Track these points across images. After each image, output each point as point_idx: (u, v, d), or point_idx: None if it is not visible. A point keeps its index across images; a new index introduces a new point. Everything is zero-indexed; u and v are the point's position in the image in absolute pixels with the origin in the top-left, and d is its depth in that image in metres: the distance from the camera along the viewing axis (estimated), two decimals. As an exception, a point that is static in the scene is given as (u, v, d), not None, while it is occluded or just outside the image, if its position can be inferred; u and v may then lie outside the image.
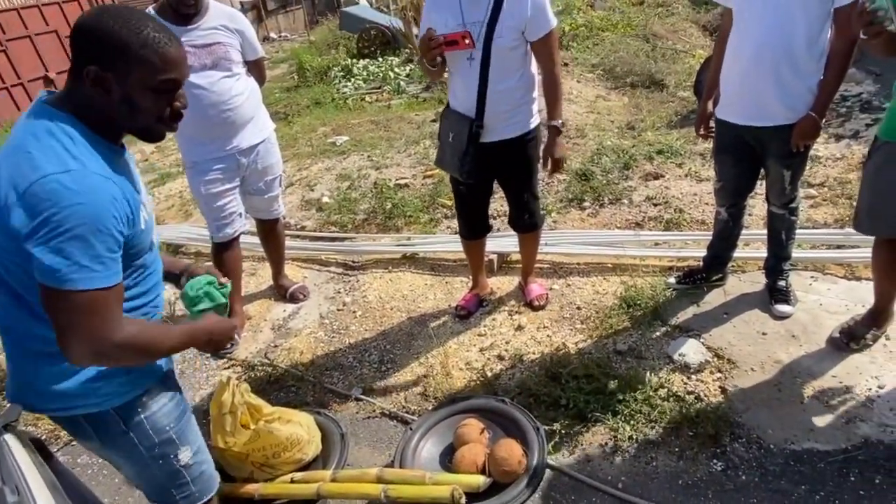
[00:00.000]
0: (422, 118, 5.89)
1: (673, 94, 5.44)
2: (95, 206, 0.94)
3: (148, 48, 0.99)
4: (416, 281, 3.05)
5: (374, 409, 2.22)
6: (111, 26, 0.98)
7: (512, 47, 2.02)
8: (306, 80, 8.52)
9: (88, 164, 0.97)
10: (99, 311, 0.95)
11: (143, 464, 1.20)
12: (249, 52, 2.45)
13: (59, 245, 0.91)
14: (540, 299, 2.63)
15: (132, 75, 1.00)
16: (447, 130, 2.21)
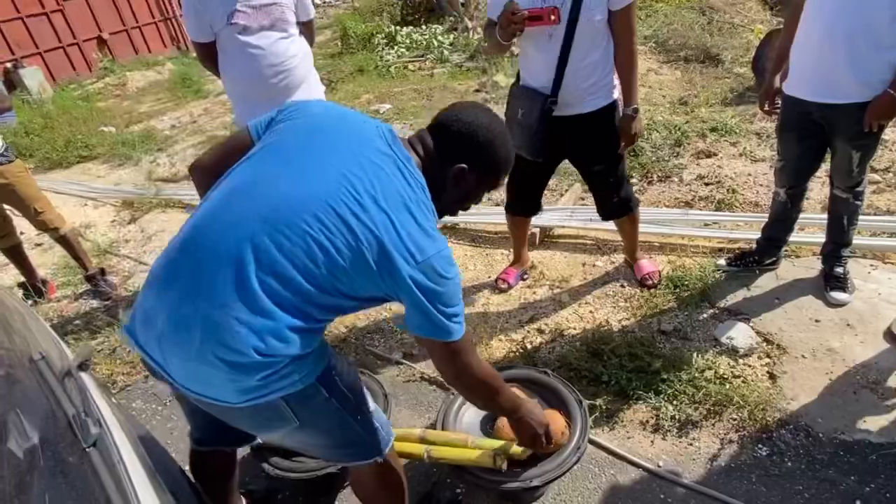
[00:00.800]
0: (464, 88, 5.81)
1: (729, 70, 5.20)
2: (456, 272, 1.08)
3: None
4: (456, 251, 3.05)
5: (414, 373, 2.26)
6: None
7: (599, 20, 1.94)
8: (350, 46, 8.47)
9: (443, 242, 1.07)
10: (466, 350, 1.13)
11: (347, 425, 1.16)
12: (302, 13, 2.43)
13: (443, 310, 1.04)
14: (653, 276, 2.51)
15: (484, 179, 1.21)
16: (516, 108, 2.12)
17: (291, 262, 0.96)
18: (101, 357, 2.55)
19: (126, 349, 2.56)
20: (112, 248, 3.59)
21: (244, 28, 2.22)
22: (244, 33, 2.23)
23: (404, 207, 1.00)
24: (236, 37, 2.23)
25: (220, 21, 2.21)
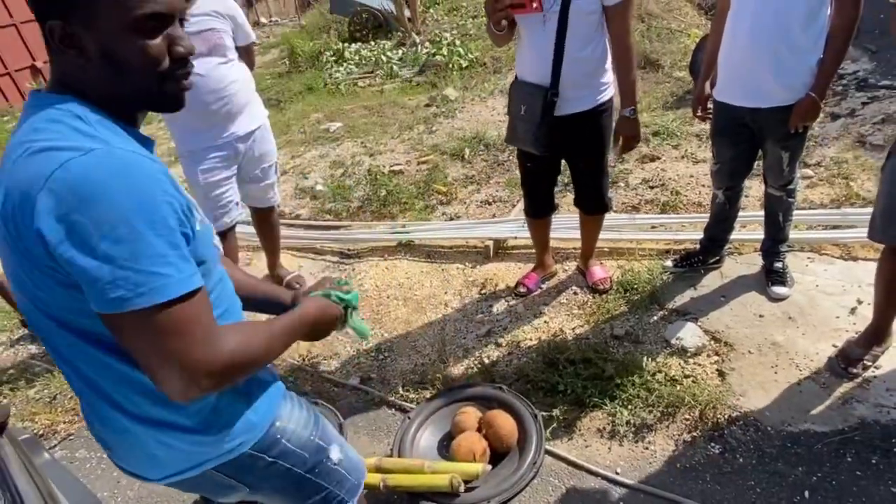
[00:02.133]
0: (415, 103, 5.83)
1: (668, 75, 5.38)
2: (138, 189, 0.68)
3: None
4: (412, 268, 3.03)
5: (372, 397, 2.21)
6: None
7: (590, 11, 1.93)
8: (298, 65, 8.40)
9: (114, 142, 0.72)
10: (187, 327, 0.71)
11: (301, 483, 1.03)
12: (241, 38, 2.41)
13: (106, 252, 0.67)
14: (604, 283, 2.56)
15: (98, 18, 0.71)
16: (518, 104, 2.11)
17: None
18: (41, 406, 2.41)
19: (68, 395, 2.43)
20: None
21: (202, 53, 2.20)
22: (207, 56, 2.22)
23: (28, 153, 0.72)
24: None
25: None
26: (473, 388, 1.84)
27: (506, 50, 6.95)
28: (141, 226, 0.67)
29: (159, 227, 0.68)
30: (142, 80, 0.76)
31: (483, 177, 3.88)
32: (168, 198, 0.71)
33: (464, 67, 6.69)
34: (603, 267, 2.67)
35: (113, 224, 0.65)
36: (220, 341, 0.75)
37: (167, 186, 0.72)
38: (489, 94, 5.33)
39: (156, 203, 0.69)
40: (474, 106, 5.15)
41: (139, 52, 0.74)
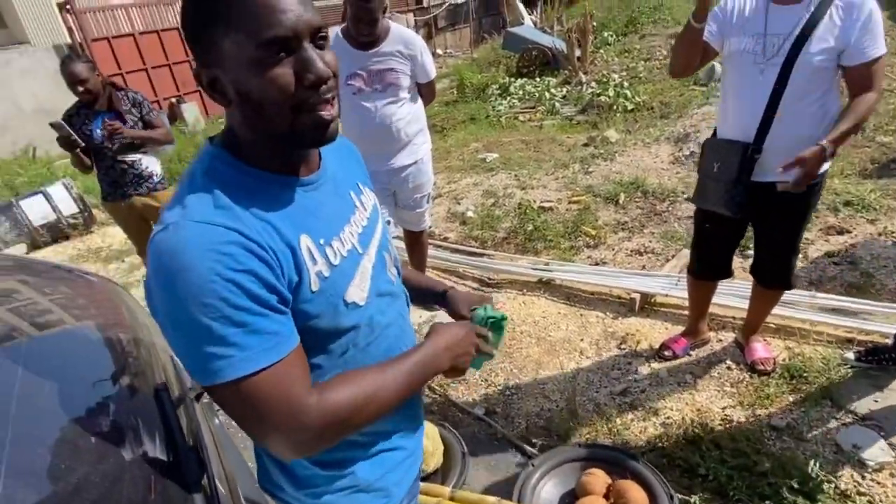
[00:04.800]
0: (573, 141, 5.81)
1: (870, 139, 4.72)
2: (191, 271, 0.64)
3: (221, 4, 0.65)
4: (549, 308, 3.00)
5: (494, 431, 2.22)
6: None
7: (822, 67, 1.70)
8: (465, 95, 8.85)
9: (194, 209, 0.68)
10: (261, 402, 0.68)
11: None
12: (422, 76, 2.52)
13: (173, 334, 0.68)
14: (766, 363, 2.28)
15: (225, 57, 0.67)
16: (711, 161, 1.95)
17: None
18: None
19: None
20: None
21: (358, 90, 2.39)
22: (358, 94, 2.40)
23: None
24: (351, 95, 2.40)
25: (341, 81, 2.42)
26: (605, 450, 1.75)
27: (678, 95, 6.65)
28: (193, 309, 0.64)
29: (213, 309, 0.64)
30: (275, 116, 0.69)
31: (636, 225, 3.72)
32: (229, 273, 0.64)
33: (629, 110, 6.53)
34: (766, 345, 2.39)
35: (172, 309, 0.65)
36: (308, 408, 0.70)
37: (233, 262, 0.65)
38: (654, 140, 5.12)
39: (209, 284, 0.64)
40: (636, 150, 4.98)
41: (266, 84, 0.66)
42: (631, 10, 11.71)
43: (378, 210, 0.95)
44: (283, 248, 0.71)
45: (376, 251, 0.88)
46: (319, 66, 0.68)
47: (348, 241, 0.81)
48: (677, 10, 11.42)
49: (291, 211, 0.75)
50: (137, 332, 1.18)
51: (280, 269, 0.70)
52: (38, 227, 4.82)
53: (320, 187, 0.81)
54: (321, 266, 0.75)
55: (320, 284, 0.75)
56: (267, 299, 0.68)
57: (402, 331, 0.94)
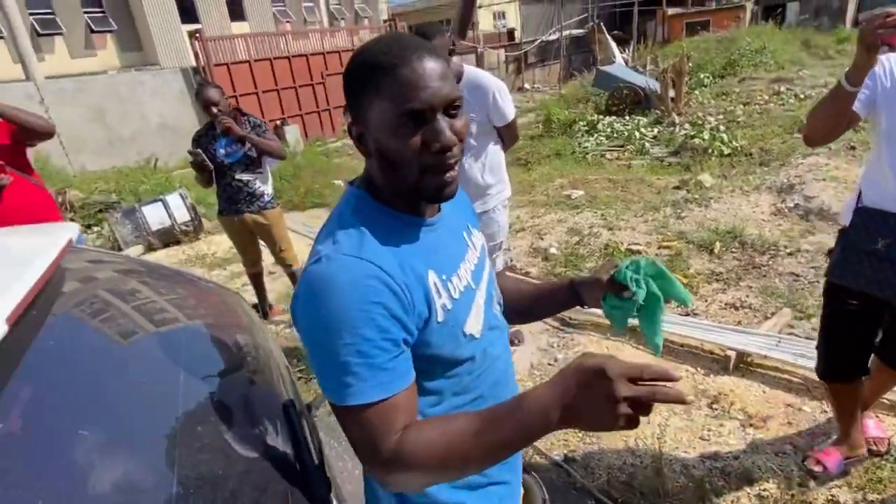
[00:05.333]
0: (663, 183, 5.66)
1: None
2: (327, 306, 0.72)
3: (371, 74, 0.76)
4: (634, 355, 2.91)
5: (573, 480, 2.16)
6: (353, 58, 0.80)
7: None
8: (551, 130, 8.89)
9: (344, 244, 0.77)
10: (363, 432, 0.74)
11: None
12: (498, 119, 2.44)
13: (311, 352, 0.77)
14: (880, 443, 2.06)
15: (370, 120, 0.78)
16: (874, 235, 1.65)
17: None
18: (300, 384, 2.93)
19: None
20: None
21: None
22: None
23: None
24: None
25: None
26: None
27: (780, 142, 6.33)
28: (330, 334, 0.72)
29: (346, 336, 0.71)
30: (405, 173, 0.79)
31: (733, 277, 3.55)
32: (368, 306, 0.72)
33: (724, 155, 6.28)
34: (879, 423, 2.19)
35: (314, 331, 0.74)
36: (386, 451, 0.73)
37: (372, 294, 0.72)
38: (753, 189, 4.88)
39: (347, 313, 0.71)
40: (733, 198, 4.77)
41: (400, 147, 0.76)
42: (730, 52, 11.36)
43: (485, 250, 1.03)
44: (415, 283, 0.78)
45: (486, 287, 0.96)
46: (446, 136, 0.77)
47: (464, 277, 0.89)
48: (780, 54, 10.94)
49: (419, 248, 0.84)
50: (261, 342, 1.28)
51: (411, 304, 0.77)
52: (154, 231, 5.33)
53: (440, 228, 0.89)
54: (445, 299, 0.83)
55: (445, 316, 0.82)
56: (393, 334, 0.74)
57: (508, 364, 1.01)
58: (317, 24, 21.19)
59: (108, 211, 5.62)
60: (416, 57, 0.74)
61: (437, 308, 0.81)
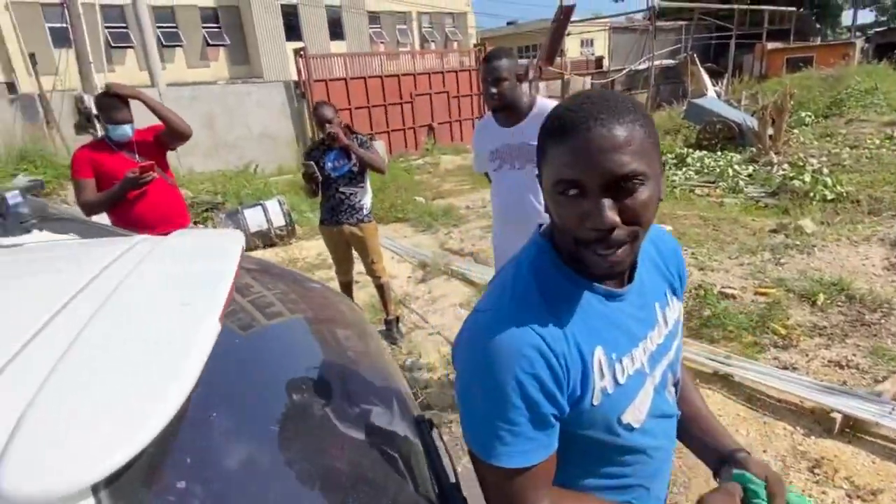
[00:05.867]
0: (759, 225, 5.39)
1: None
2: (484, 364, 0.73)
3: (547, 133, 0.74)
4: (727, 407, 2.78)
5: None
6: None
7: None
8: (636, 161, 8.71)
9: (514, 303, 0.76)
10: (496, 491, 0.76)
11: None
12: None
13: (460, 405, 0.78)
14: None
15: (542, 175, 0.76)
16: None
17: None
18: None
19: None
20: (405, 301, 4.30)
21: (500, 165, 2.36)
22: (499, 169, 2.36)
23: None
24: (493, 171, 2.40)
25: (485, 156, 2.41)
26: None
27: (892, 190, 5.87)
28: (481, 391, 0.73)
29: (495, 400, 0.71)
30: (565, 237, 0.75)
31: (838, 332, 3.32)
32: (523, 377, 0.71)
33: (828, 200, 5.90)
34: None
35: (467, 382, 0.76)
36: None
37: (527, 366, 0.71)
38: (863, 240, 4.55)
39: (500, 376, 0.71)
40: (839, 248, 4.48)
41: (558, 211, 0.73)
42: (836, 91, 10.71)
43: (679, 324, 0.91)
44: (576, 360, 0.74)
45: (662, 371, 0.86)
46: (601, 217, 0.68)
47: (638, 359, 0.81)
48: (895, 97, 10.16)
49: (593, 320, 0.77)
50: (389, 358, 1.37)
51: (566, 380, 0.73)
52: (252, 232, 5.72)
53: (626, 299, 0.80)
54: (607, 383, 0.77)
55: (601, 399, 0.77)
56: (542, 408, 0.72)
57: (668, 454, 0.90)
58: (408, 45, 22.04)
59: (214, 210, 6.09)
60: (591, 124, 0.68)
61: (595, 390, 0.76)
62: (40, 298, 0.81)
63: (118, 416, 0.55)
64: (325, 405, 0.96)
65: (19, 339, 0.69)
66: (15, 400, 0.57)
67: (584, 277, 0.77)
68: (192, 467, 0.63)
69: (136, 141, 2.83)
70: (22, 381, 0.60)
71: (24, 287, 0.89)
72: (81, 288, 0.85)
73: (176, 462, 0.61)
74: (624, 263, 0.73)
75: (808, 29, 23.19)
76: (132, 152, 2.80)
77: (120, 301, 0.78)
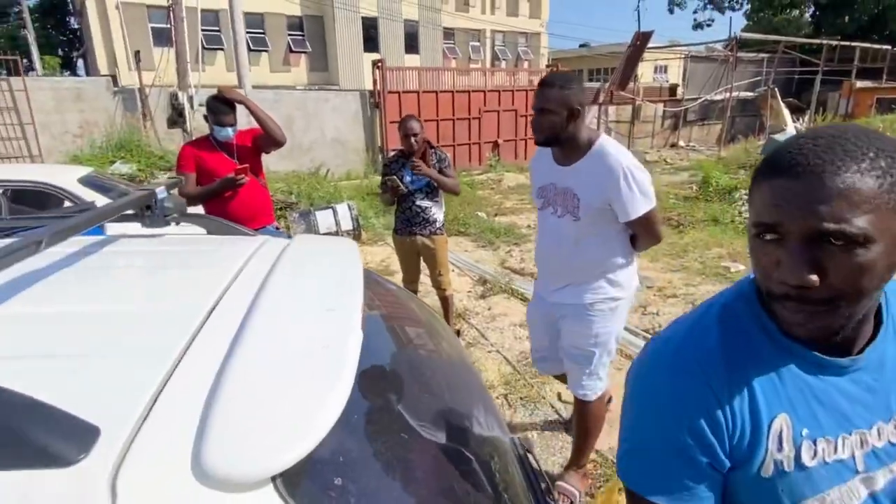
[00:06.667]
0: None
1: None
2: (651, 392, 0.72)
3: (759, 169, 0.67)
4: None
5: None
6: None
7: None
8: (708, 194, 8.45)
9: (696, 342, 0.72)
10: None
11: None
12: (621, 213, 1.88)
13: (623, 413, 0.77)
14: None
15: (749, 202, 0.68)
16: None
17: None
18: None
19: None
20: (465, 315, 4.34)
21: (543, 205, 2.11)
22: (543, 209, 2.12)
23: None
24: (539, 209, 2.15)
25: (535, 189, 2.17)
26: None
27: None
28: (634, 421, 0.73)
29: (643, 435, 0.72)
30: (759, 284, 0.69)
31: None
32: (669, 420, 0.69)
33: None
34: None
35: (630, 402, 0.75)
36: None
37: (680, 409, 0.69)
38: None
39: (652, 413, 0.71)
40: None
41: (754, 257, 0.67)
42: (937, 134, 9.98)
43: None
44: (747, 418, 0.68)
45: (892, 484, 0.70)
46: (790, 271, 0.61)
47: (847, 449, 0.68)
48: None
49: (786, 385, 0.68)
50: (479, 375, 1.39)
51: (729, 435, 0.68)
52: (322, 234, 5.94)
53: (851, 373, 0.69)
54: (785, 457, 0.68)
55: (773, 474, 0.68)
56: (693, 457, 0.68)
57: None
58: (479, 62, 22.35)
59: (287, 210, 6.37)
60: (806, 162, 0.60)
61: (767, 460, 0.68)
62: (199, 287, 0.89)
63: (293, 415, 0.61)
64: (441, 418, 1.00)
65: (189, 328, 0.76)
66: (199, 388, 0.64)
67: (787, 336, 0.68)
68: (345, 466, 0.68)
69: (237, 143, 3.02)
70: (201, 371, 0.67)
71: (180, 277, 0.99)
72: (230, 283, 0.93)
73: (331, 460, 0.66)
74: (811, 325, 0.64)
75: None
76: (231, 153, 3.00)
77: (270, 300, 0.85)
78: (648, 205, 1.87)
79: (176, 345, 0.71)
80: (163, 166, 7.50)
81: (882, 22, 22.46)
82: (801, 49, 18.62)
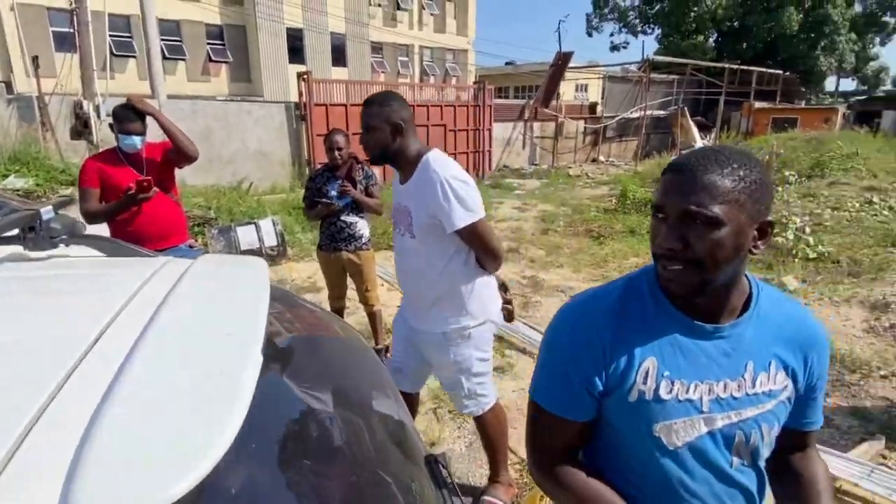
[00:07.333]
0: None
1: None
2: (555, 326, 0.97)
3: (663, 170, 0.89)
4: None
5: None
6: None
7: None
8: (626, 206, 8.92)
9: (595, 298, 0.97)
10: (531, 432, 1.00)
11: None
12: (447, 224, 1.81)
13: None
14: None
15: None
16: None
17: None
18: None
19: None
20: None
21: (395, 224, 2.03)
22: (395, 228, 2.04)
23: None
24: (393, 230, 2.07)
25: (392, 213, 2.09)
26: None
27: (871, 254, 6.08)
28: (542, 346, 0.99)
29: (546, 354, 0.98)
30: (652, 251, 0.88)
31: (818, 392, 3.39)
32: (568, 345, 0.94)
33: (809, 259, 6.09)
34: None
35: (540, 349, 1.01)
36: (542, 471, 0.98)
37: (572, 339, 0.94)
38: (844, 301, 4.70)
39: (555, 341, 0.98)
40: (821, 307, 4.61)
41: (651, 230, 0.88)
42: (819, 153, 11.12)
43: (776, 401, 0.90)
44: (623, 357, 0.89)
45: (727, 423, 0.88)
46: (662, 238, 0.85)
47: (696, 392, 0.87)
48: (874, 163, 10.59)
49: (661, 340, 0.89)
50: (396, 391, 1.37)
51: (605, 367, 0.90)
52: (243, 250, 5.70)
53: (714, 339, 0.88)
54: (648, 389, 0.88)
55: (637, 399, 0.88)
56: (571, 378, 0.92)
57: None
58: (409, 77, 22.49)
59: (205, 226, 6.07)
60: (687, 165, 0.82)
61: (634, 389, 0.88)
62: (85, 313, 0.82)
63: (178, 446, 0.57)
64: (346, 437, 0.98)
65: (71, 356, 0.70)
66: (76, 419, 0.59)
67: (671, 303, 0.90)
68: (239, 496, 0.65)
69: (146, 157, 2.84)
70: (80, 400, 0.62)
71: (65, 303, 0.91)
72: (121, 308, 0.87)
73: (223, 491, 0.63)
74: (676, 285, 0.85)
75: (794, 92, 24.24)
76: (140, 167, 2.82)
77: (164, 325, 0.80)
78: (471, 217, 1.80)
79: (49, 380, 0.65)
80: (64, 181, 6.93)
81: (774, 49, 24.84)
82: (706, 72, 20.22)
